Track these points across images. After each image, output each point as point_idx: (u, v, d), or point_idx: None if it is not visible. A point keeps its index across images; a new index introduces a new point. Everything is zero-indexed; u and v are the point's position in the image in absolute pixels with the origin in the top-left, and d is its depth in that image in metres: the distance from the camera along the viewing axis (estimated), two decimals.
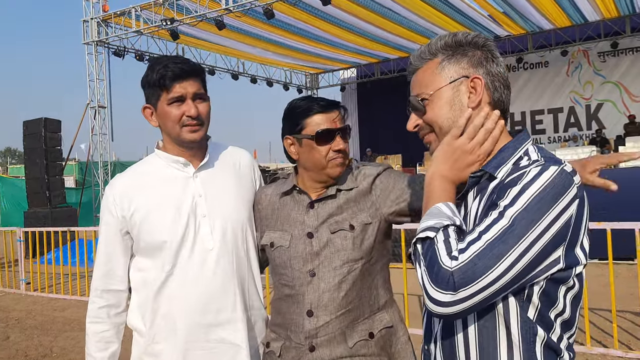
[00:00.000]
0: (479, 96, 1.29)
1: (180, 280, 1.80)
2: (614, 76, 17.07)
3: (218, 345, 1.81)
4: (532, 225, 1.11)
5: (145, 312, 1.85)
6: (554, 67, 17.84)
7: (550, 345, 1.21)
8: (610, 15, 15.63)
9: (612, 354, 4.81)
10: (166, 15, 14.12)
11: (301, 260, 1.77)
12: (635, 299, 5.06)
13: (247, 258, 1.89)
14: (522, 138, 1.31)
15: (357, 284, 1.75)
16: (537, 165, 1.17)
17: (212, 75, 18.86)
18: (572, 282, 1.21)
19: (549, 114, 18.15)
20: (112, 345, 1.91)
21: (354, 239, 1.75)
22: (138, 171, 1.94)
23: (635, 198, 10.09)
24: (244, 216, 1.89)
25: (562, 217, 1.13)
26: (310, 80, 22.60)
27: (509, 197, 1.15)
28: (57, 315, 7.36)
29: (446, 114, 1.31)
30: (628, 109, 16.64)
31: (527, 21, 15.76)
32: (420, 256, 1.17)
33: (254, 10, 13.46)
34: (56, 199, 14.58)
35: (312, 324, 1.74)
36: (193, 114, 1.76)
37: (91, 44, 15.88)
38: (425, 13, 14.30)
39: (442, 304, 1.11)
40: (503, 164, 1.26)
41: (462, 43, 1.33)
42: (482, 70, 1.31)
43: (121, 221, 1.85)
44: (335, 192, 1.80)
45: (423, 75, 1.35)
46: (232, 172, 1.94)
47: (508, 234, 1.11)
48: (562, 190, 1.14)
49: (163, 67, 1.76)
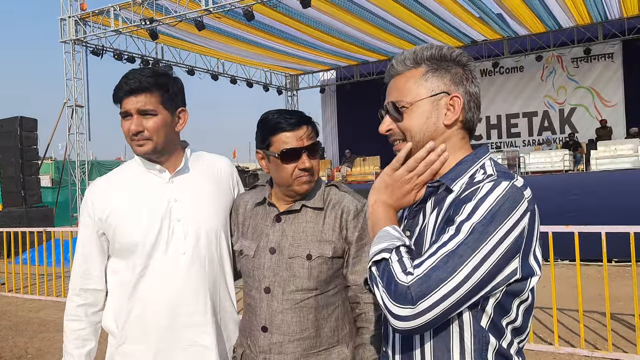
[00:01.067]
0: (456, 115, 1.33)
1: (152, 282, 1.85)
2: (587, 81, 17.45)
3: (188, 348, 1.86)
4: (486, 237, 1.16)
5: (118, 313, 1.91)
6: (528, 71, 18.17)
7: (501, 352, 1.25)
8: (583, 22, 16.00)
9: (579, 354, 4.97)
10: (145, 15, 14.07)
11: (261, 273, 1.79)
12: (603, 299, 5.25)
13: (220, 263, 1.93)
14: (480, 152, 1.36)
15: (312, 313, 1.73)
16: (490, 181, 1.22)
17: (192, 75, 18.78)
18: (527, 296, 1.26)
19: (524, 118, 18.48)
20: (89, 343, 1.95)
21: (310, 269, 1.73)
22: (117, 175, 2.01)
23: (603, 201, 10.38)
24: (218, 222, 1.93)
25: (515, 229, 1.18)
26: (290, 81, 22.65)
27: (464, 213, 1.19)
28: (33, 316, 7.31)
29: (421, 125, 1.34)
30: (600, 113, 17.03)
31: (503, 26, 16.05)
32: (377, 278, 1.20)
33: (234, 11, 13.48)
34: (32, 199, 14.43)
35: (266, 339, 1.75)
36: (133, 130, 1.82)
37: (69, 43, 15.74)
38: (405, 17, 14.46)
39: (404, 318, 1.14)
40: (459, 177, 1.30)
41: (447, 58, 1.36)
42: (462, 89, 1.35)
43: (97, 223, 1.91)
44: (300, 208, 1.80)
45: (405, 82, 1.36)
46: (209, 178, 1.99)
47: (463, 247, 1.15)
48: (514, 205, 1.19)
49: (120, 82, 1.83)
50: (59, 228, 10.64)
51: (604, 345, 5.05)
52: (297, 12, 13.82)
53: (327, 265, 1.75)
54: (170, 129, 1.88)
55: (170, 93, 1.86)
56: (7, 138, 14.33)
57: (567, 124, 17.82)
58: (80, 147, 16.28)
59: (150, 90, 1.82)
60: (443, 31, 15.89)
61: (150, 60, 17.22)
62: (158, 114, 1.83)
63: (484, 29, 16.08)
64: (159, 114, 1.83)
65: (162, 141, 1.86)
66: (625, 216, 8.98)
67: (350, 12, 14.05)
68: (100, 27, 15.67)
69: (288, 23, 14.80)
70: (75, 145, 16.21)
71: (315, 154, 1.78)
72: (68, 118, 16.17)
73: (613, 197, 10.34)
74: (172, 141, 1.92)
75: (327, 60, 19.61)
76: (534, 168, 13.81)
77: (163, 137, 1.86)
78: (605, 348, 4.97)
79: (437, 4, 13.63)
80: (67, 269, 8.45)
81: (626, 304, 6.39)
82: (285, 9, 13.68)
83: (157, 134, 1.84)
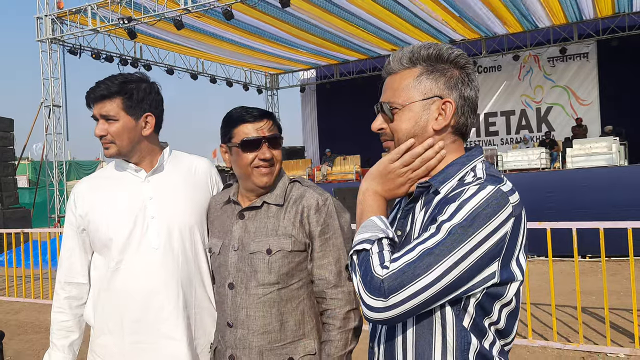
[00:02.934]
0: (447, 120, 1.31)
1: (125, 277, 1.94)
2: (563, 80, 17.74)
3: (160, 340, 1.93)
4: (464, 239, 1.16)
5: (96, 306, 2.02)
6: (506, 71, 18.41)
7: (482, 353, 1.25)
8: (559, 22, 16.27)
9: (552, 346, 5.10)
10: (123, 14, 13.96)
11: (225, 270, 1.84)
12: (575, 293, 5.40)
13: (195, 259, 1.99)
14: (472, 155, 1.34)
15: (276, 307, 1.77)
16: (476, 184, 1.23)
17: (171, 74, 18.68)
18: (509, 299, 1.26)
19: (502, 117, 18.72)
20: (73, 334, 2.05)
21: (270, 264, 1.77)
22: (99, 175, 2.14)
23: (577, 198, 10.60)
24: (193, 219, 1.99)
25: (496, 234, 1.18)
26: (270, 80, 22.64)
27: (447, 213, 1.20)
28: (11, 318, 7.25)
29: (409, 128, 1.33)
30: (576, 112, 17.33)
31: (481, 26, 16.24)
32: (357, 267, 1.23)
33: (214, 10, 13.45)
34: (8, 200, 14.26)
35: (232, 335, 1.81)
36: (96, 133, 1.95)
37: (45, 42, 15.55)
38: (383, 16, 14.56)
39: (375, 309, 1.17)
40: (448, 180, 1.30)
41: (444, 59, 1.33)
42: (456, 93, 1.32)
43: (79, 219, 2.02)
44: (261, 204, 1.84)
45: (399, 82, 1.35)
46: (186, 177, 2.06)
47: (440, 247, 1.16)
48: (497, 209, 1.19)
49: (90, 88, 1.94)
50: (36, 229, 10.52)
51: (576, 338, 5.18)
52: (277, 11, 13.83)
53: (288, 259, 1.78)
54: (135, 134, 1.96)
55: (134, 99, 1.94)
56: None
57: (544, 123, 18.10)
58: (57, 147, 16.09)
59: (112, 97, 1.92)
60: (422, 30, 16.03)
61: (129, 59, 17.10)
62: (119, 120, 1.93)
63: (462, 28, 16.26)
64: (120, 120, 1.93)
65: (125, 145, 1.95)
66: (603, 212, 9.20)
67: (330, 12, 14.10)
68: (77, 26, 15.49)
69: (268, 21, 14.80)
70: (52, 145, 16.02)
71: (275, 146, 1.83)
72: (45, 118, 15.98)
73: (588, 194, 10.57)
74: (140, 144, 1.99)
75: (307, 60, 19.64)
76: (512, 166, 14.02)
77: (126, 141, 1.95)
78: (577, 341, 5.10)
79: (414, 6, 13.75)
80: (45, 271, 8.39)
81: (598, 298, 6.56)
82: (264, 8, 13.68)
83: (120, 138, 1.94)
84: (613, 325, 5.48)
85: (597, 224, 5.06)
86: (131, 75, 1.99)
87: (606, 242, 5.01)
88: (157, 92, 2.02)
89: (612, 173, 11.28)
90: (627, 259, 5.20)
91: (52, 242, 8.48)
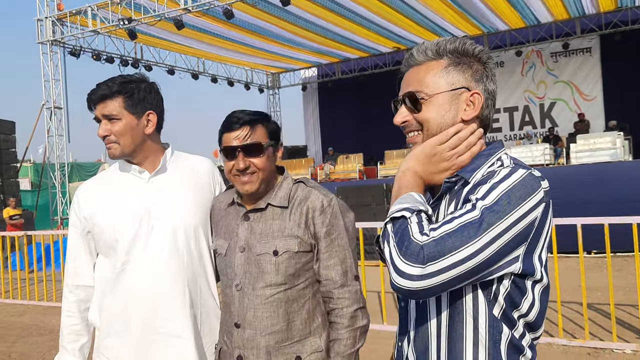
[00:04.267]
0: (476, 111, 1.33)
1: (131, 278, 1.95)
2: (566, 76, 17.68)
3: (167, 340, 1.94)
4: (499, 219, 1.16)
5: (101, 308, 2.01)
6: (509, 67, 18.35)
7: (513, 343, 1.25)
8: (561, 17, 16.21)
9: (558, 343, 5.06)
10: (124, 15, 13.96)
11: (232, 272, 1.85)
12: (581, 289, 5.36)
13: (200, 259, 2.01)
14: (496, 146, 1.36)
15: (282, 307, 1.79)
16: (506, 167, 1.25)
17: (172, 75, 18.71)
18: (532, 298, 1.26)
19: (505, 113, 18.66)
20: (83, 337, 2.07)
21: (277, 265, 1.78)
22: (102, 177, 2.15)
23: (581, 193, 10.54)
24: (196, 219, 2.00)
25: (528, 217, 1.18)
26: (272, 79, 22.63)
27: (480, 192, 1.20)
28: (15, 321, 7.24)
29: (439, 118, 1.34)
30: (579, 107, 17.27)
31: (483, 22, 16.19)
32: (391, 234, 1.20)
33: (214, 9, 13.43)
34: None
35: (239, 335, 1.82)
36: (100, 134, 1.95)
37: (46, 44, 15.57)
38: (384, 14, 14.53)
39: (410, 277, 1.14)
40: (477, 170, 1.31)
41: (469, 54, 1.35)
42: (482, 86, 1.34)
43: (83, 222, 2.03)
44: (265, 206, 1.84)
45: (425, 73, 1.35)
46: (188, 177, 2.07)
47: (477, 223, 1.16)
48: (530, 191, 1.19)
49: (91, 90, 1.95)
50: (39, 231, 10.52)
51: (582, 335, 5.14)
52: (277, 9, 13.80)
53: (295, 260, 1.79)
54: (137, 132, 1.97)
55: (135, 98, 1.95)
56: None
57: (547, 118, 18.03)
58: (59, 149, 16.12)
59: (114, 96, 1.93)
60: (423, 27, 15.99)
61: (130, 60, 17.11)
62: (122, 119, 1.94)
63: (463, 24, 16.20)
64: (123, 119, 1.94)
65: (129, 144, 1.96)
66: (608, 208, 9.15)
67: (330, 10, 14.07)
68: (77, 28, 15.52)
69: (268, 20, 14.79)
70: (54, 147, 16.04)
71: (255, 154, 1.81)
72: (47, 120, 15.99)
73: (592, 189, 10.52)
74: (143, 143, 2.00)
75: (308, 58, 19.63)
76: None
77: (129, 140, 1.95)
78: (583, 337, 5.06)
79: (416, 2, 13.71)
80: (48, 273, 8.37)
81: (604, 294, 6.51)
82: (265, 7, 13.66)
83: (123, 137, 1.94)
84: (619, 321, 5.44)
85: (602, 219, 5.02)
86: (130, 75, 2.01)
87: (612, 238, 4.97)
88: (157, 91, 2.03)
89: (617, 168, 11.21)
90: (632, 254, 5.15)
91: (55, 244, 8.46)
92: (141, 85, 1.97)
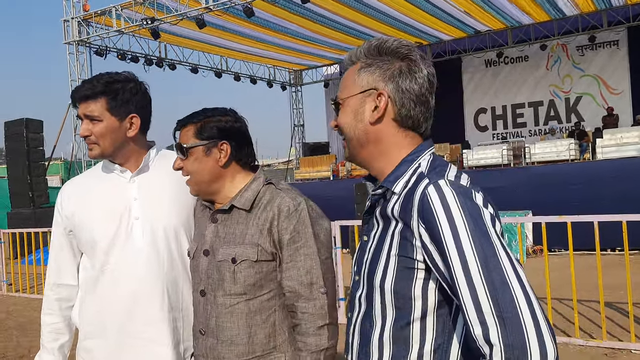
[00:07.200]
0: (380, 113, 1.28)
1: (110, 279, 1.90)
2: (593, 69, 17.30)
3: (143, 344, 1.89)
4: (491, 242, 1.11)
5: (81, 309, 1.99)
6: (533, 61, 18.03)
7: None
8: (587, 10, 15.85)
9: (574, 343, 4.97)
10: (147, 14, 14.13)
11: (197, 276, 1.78)
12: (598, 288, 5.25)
13: (181, 261, 1.94)
14: (419, 150, 1.30)
15: (243, 319, 1.68)
16: (423, 183, 1.18)
17: (195, 73, 18.82)
18: None
19: (530, 107, 18.37)
20: (63, 336, 2.04)
21: (235, 273, 1.68)
22: (85, 176, 2.10)
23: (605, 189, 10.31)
24: (178, 220, 1.94)
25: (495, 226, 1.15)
26: (294, 77, 22.65)
27: (445, 241, 1.12)
28: (37, 316, 7.32)
29: (351, 122, 1.32)
30: (606, 101, 16.88)
31: (507, 16, 15.93)
32: None
33: (235, 8, 13.51)
34: (39, 199, 14.60)
35: (203, 342, 1.74)
36: (81, 134, 1.92)
37: (72, 44, 15.85)
38: (404, 9, 14.42)
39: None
40: (400, 177, 1.26)
41: (385, 51, 1.32)
42: (392, 85, 1.28)
43: (65, 221, 2.00)
44: (229, 208, 1.74)
45: (345, 79, 1.37)
46: (172, 177, 1.98)
47: (489, 266, 1.09)
48: (478, 216, 1.13)
49: (74, 88, 1.93)
50: None
51: (599, 334, 5.04)
52: (298, 7, 13.80)
53: (254, 270, 1.67)
54: (119, 135, 1.91)
55: (119, 99, 1.88)
56: (13, 140, 14.51)
57: (573, 113, 17.69)
58: (86, 147, 16.34)
59: (96, 97, 1.87)
60: (445, 22, 15.82)
61: (154, 59, 17.32)
62: (103, 120, 1.88)
63: (487, 18, 15.97)
64: (104, 120, 1.88)
65: (109, 146, 1.91)
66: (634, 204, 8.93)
67: (350, 6, 14.01)
68: (103, 28, 15.75)
69: (288, 18, 14.81)
70: (81, 145, 16.33)
71: (184, 154, 1.75)
72: (73, 118, 16.28)
73: (617, 185, 10.29)
74: (125, 145, 1.94)
75: (330, 55, 19.58)
76: (539, 158, 13.70)
77: (110, 142, 1.90)
78: (600, 337, 4.96)
79: None
80: None
81: (624, 293, 6.36)
82: (284, 4, 13.68)
83: (103, 139, 1.89)
84: (638, 321, 5.32)
85: (620, 216, 4.92)
86: (118, 74, 1.93)
87: (631, 235, 4.86)
88: (144, 92, 1.95)
89: None
90: None
91: None
92: (127, 86, 1.90)
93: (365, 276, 1.29)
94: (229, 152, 1.74)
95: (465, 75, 19.12)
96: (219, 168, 1.74)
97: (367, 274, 1.28)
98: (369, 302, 1.28)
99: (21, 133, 14.30)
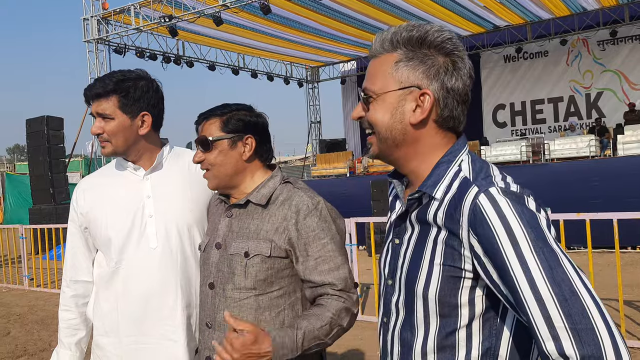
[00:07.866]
0: (424, 114, 1.19)
1: (124, 276, 1.92)
2: (614, 64, 17.01)
3: (157, 341, 1.91)
4: (550, 248, 1.06)
5: (96, 306, 2.01)
6: (553, 56, 17.80)
7: None
8: (609, 4, 15.59)
9: None
10: (164, 12, 14.23)
11: (207, 269, 1.78)
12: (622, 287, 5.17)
13: (194, 258, 1.95)
14: (456, 149, 1.23)
15: (252, 314, 1.68)
16: (476, 194, 1.11)
17: (213, 70, 18.92)
18: None
19: (549, 104, 18.13)
20: (80, 332, 2.08)
21: (247, 268, 1.68)
22: (99, 174, 2.13)
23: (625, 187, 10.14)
24: (191, 217, 1.96)
25: (551, 230, 1.11)
26: (311, 73, 22.65)
27: (503, 250, 1.06)
28: (57, 311, 7.48)
29: (386, 121, 1.22)
30: (628, 97, 16.60)
31: (526, 11, 15.74)
32: None
33: (252, 5, 13.54)
34: (60, 196, 14.78)
35: (210, 337, 1.74)
36: (92, 131, 1.94)
37: (92, 42, 16.01)
38: (422, 5, 14.32)
39: None
40: (439, 182, 1.19)
41: (428, 44, 1.20)
42: (436, 84, 1.19)
43: (80, 217, 2.03)
44: (245, 202, 1.75)
45: (378, 68, 1.24)
46: (185, 174, 2.02)
47: (553, 275, 1.04)
48: (536, 222, 1.09)
49: (87, 86, 1.94)
50: None
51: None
52: (314, 3, 13.80)
53: (267, 265, 1.67)
54: (131, 133, 1.93)
55: (130, 97, 1.90)
56: (35, 137, 14.71)
57: (593, 109, 17.41)
58: None
59: (108, 95, 1.89)
60: (463, 18, 15.68)
61: (172, 57, 17.44)
62: (115, 118, 1.90)
63: (506, 13, 15.79)
64: (116, 118, 1.90)
65: (121, 144, 1.93)
66: None
67: (367, 2, 13.96)
68: (121, 26, 15.90)
69: (305, 14, 14.80)
70: None
71: (206, 148, 1.74)
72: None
73: (637, 182, 10.12)
74: (137, 143, 1.96)
75: (347, 51, 19.54)
76: (559, 155, 13.52)
77: (122, 140, 1.92)
78: None
79: None
80: None
81: None
82: (301, 2, 13.68)
83: (115, 137, 1.91)
84: None
85: (638, 214, 4.83)
86: (130, 72, 1.95)
87: None
88: (155, 89, 1.97)
89: None
90: None
91: None
92: (138, 84, 1.92)
93: (402, 282, 1.24)
94: (254, 146, 1.75)
95: (484, 71, 18.93)
96: (242, 162, 1.75)
97: (405, 280, 1.23)
98: (408, 309, 1.23)
99: (42, 130, 14.49)
